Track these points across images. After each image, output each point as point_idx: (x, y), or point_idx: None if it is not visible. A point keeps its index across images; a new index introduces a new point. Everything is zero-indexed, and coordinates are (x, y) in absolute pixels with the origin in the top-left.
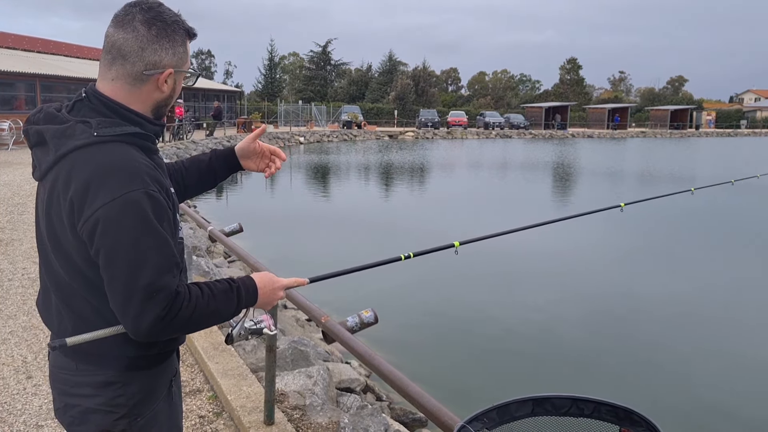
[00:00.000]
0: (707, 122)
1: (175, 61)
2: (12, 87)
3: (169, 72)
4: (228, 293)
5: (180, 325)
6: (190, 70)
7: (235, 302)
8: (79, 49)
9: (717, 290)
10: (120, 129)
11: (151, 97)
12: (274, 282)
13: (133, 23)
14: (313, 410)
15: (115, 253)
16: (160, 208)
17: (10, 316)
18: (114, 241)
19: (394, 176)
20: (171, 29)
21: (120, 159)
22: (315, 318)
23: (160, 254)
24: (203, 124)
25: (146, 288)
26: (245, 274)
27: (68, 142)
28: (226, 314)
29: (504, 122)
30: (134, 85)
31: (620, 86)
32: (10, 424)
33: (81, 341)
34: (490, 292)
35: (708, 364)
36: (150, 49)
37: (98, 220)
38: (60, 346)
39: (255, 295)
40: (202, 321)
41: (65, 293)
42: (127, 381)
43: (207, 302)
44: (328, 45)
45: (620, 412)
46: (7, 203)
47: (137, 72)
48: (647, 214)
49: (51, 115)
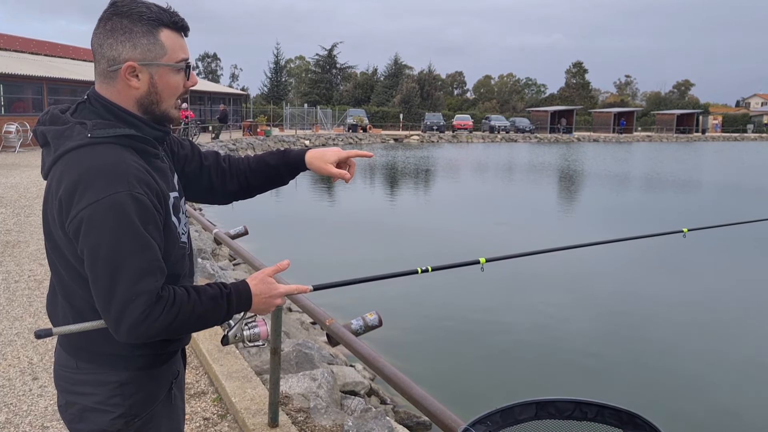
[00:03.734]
0: (713, 126)
1: (137, 53)
2: (19, 90)
3: (129, 65)
4: (217, 299)
5: (160, 329)
6: (173, 63)
7: (225, 309)
8: (86, 52)
9: (724, 295)
10: (113, 131)
11: (129, 96)
12: (271, 290)
13: (98, 22)
14: (318, 413)
15: (96, 255)
16: (145, 211)
17: (16, 317)
18: (96, 242)
19: (401, 180)
20: (128, 21)
21: (108, 161)
22: (319, 321)
23: (141, 258)
24: (209, 127)
25: (125, 292)
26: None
27: (65, 143)
28: (214, 320)
29: (509, 126)
30: (107, 83)
31: (626, 90)
32: (16, 425)
33: (67, 332)
34: (494, 296)
35: (712, 369)
36: (106, 44)
37: (82, 220)
38: (45, 334)
39: (249, 302)
40: (185, 326)
41: (66, 290)
42: (125, 381)
43: (192, 307)
44: (334, 48)
45: (624, 416)
46: (14, 205)
47: (103, 69)
48: (654, 217)
49: (55, 116)
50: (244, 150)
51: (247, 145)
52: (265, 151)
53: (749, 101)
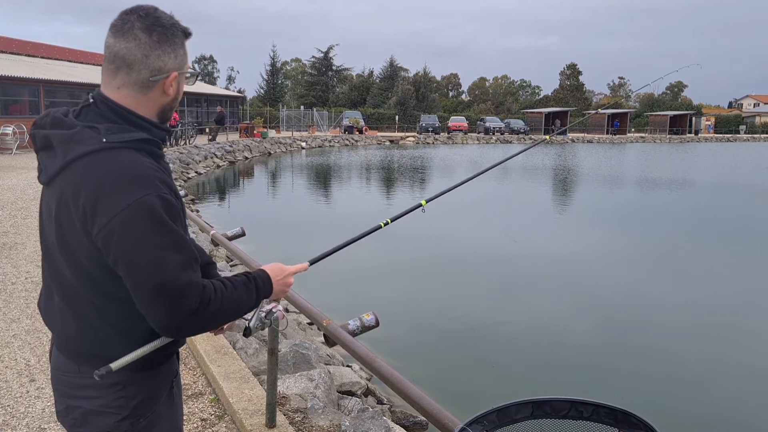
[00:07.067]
0: (706, 127)
1: (178, 63)
2: (16, 92)
3: (174, 75)
4: (247, 285)
5: (210, 317)
6: (190, 70)
7: (255, 294)
8: (83, 55)
9: (719, 295)
10: (129, 135)
11: (157, 102)
12: (283, 271)
13: (133, 31)
14: (315, 413)
15: (137, 259)
16: (173, 209)
17: (13, 319)
18: (134, 247)
19: (395, 180)
20: (171, 33)
21: (130, 165)
22: (317, 321)
23: (180, 252)
24: (206, 129)
25: (173, 288)
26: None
27: (76, 148)
28: (248, 305)
29: (504, 127)
30: (141, 92)
31: (620, 92)
32: (13, 427)
33: (124, 364)
34: (491, 296)
35: (708, 369)
36: (153, 55)
37: (114, 228)
38: (107, 373)
39: (270, 286)
40: (228, 312)
41: (69, 296)
42: (129, 383)
43: (231, 294)
44: (330, 51)
45: (619, 415)
46: (10, 207)
47: (143, 79)
48: (649, 214)
49: (58, 119)
50: (241, 152)
51: (244, 147)
52: (261, 153)
53: (742, 102)
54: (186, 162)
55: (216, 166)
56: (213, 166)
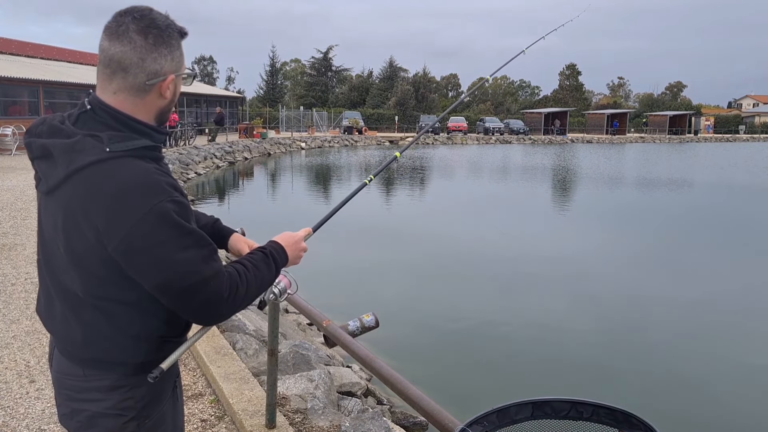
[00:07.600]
0: (706, 128)
1: (174, 65)
2: (15, 93)
3: (171, 78)
4: (266, 260)
5: (241, 300)
6: (187, 71)
7: (274, 266)
8: (82, 55)
9: (718, 294)
10: (132, 143)
11: (155, 106)
12: (294, 236)
13: (128, 34)
14: (315, 414)
15: (163, 264)
16: (185, 209)
17: (13, 320)
18: (159, 253)
19: (395, 180)
20: (166, 34)
21: (139, 175)
22: (316, 322)
23: (201, 247)
24: (205, 129)
25: (203, 282)
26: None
27: (79, 158)
28: (270, 279)
29: (504, 128)
30: (138, 96)
31: (619, 92)
32: (12, 428)
33: (173, 362)
34: (491, 297)
35: (708, 368)
36: (149, 58)
37: (133, 240)
38: (159, 372)
39: (285, 255)
40: (255, 291)
41: (75, 302)
42: (135, 384)
43: (254, 273)
44: (329, 51)
45: (619, 415)
46: (10, 208)
47: (140, 83)
48: (649, 214)
49: (55, 128)
50: (241, 152)
51: (244, 148)
52: (261, 154)
53: (741, 102)
54: (185, 163)
55: (215, 167)
56: (212, 167)
